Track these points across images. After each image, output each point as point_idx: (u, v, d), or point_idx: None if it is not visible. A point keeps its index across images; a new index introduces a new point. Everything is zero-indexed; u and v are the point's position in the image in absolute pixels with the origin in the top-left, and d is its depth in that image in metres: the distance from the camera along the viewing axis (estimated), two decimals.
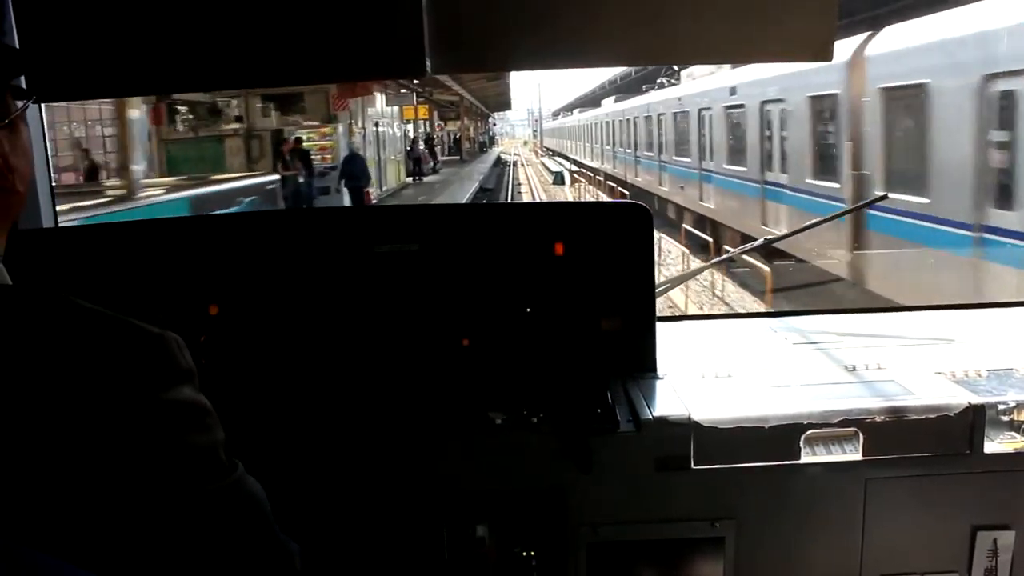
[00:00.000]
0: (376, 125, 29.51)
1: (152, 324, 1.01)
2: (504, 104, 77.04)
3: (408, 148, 35.77)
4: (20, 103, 1.06)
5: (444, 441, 1.82)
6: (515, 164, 61.52)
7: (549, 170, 54.02)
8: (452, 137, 60.88)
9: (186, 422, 1.00)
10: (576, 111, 64.36)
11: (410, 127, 39.46)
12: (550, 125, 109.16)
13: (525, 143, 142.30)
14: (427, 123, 44.71)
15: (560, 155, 73.56)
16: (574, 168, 47.17)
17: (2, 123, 1.02)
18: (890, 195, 7.71)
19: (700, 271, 9.83)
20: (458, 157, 52.91)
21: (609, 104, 38.10)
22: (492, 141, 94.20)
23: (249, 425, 1.76)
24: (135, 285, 2.01)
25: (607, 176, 34.29)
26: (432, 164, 38.17)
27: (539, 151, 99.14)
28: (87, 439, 0.93)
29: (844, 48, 10.06)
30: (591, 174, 38.46)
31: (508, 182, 40.78)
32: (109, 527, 0.94)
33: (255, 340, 2.05)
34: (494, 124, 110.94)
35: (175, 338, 1.02)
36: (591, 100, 68.70)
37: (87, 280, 1.99)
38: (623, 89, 44.09)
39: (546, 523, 1.85)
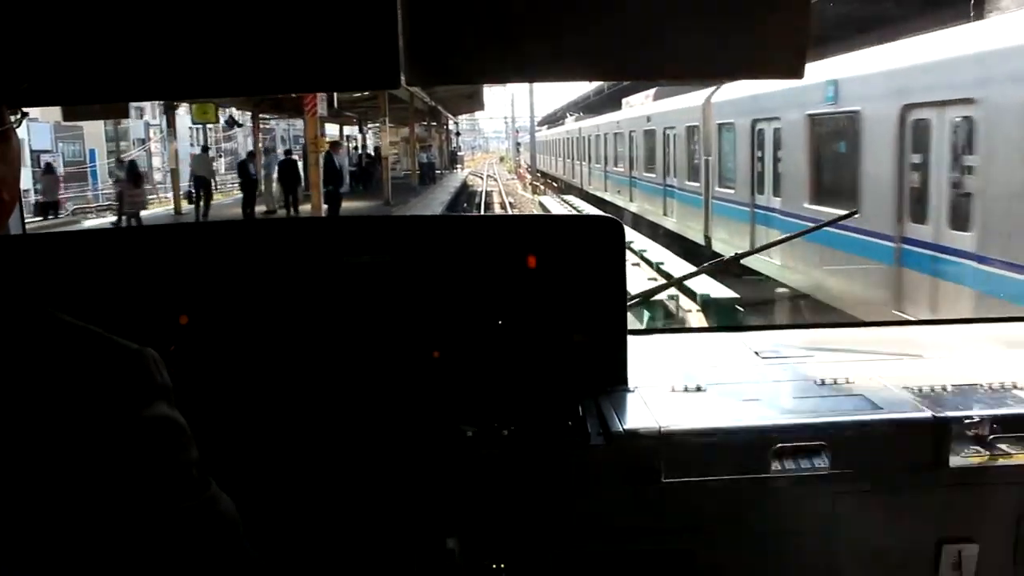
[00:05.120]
0: None
1: (123, 335, 1.01)
2: (474, 104, 49.16)
3: None
4: (14, 116, 1.07)
5: (415, 454, 1.81)
6: (489, 201, 39.43)
7: None
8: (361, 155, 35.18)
9: (161, 439, 0.99)
10: (641, 97, 24.22)
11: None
12: (548, 135, 62.88)
13: (502, 159, 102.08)
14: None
15: (575, 191, 37.62)
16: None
17: None
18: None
19: (668, 285, 9.91)
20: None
21: None
22: (454, 160, 59.03)
23: (218, 436, 1.74)
24: (104, 294, 1.97)
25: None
26: None
27: (527, 176, 63.65)
28: (62, 454, 0.92)
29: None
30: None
31: None
32: (80, 543, 0.92)
33: (225, 350, 2.03)
34: (457, 134, 68.00)
35: (153, 355, 1.02)
36: (612, 96, 33.97)
37: (55, 289, 1.95)
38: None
39: (517, 536, 1.84)
